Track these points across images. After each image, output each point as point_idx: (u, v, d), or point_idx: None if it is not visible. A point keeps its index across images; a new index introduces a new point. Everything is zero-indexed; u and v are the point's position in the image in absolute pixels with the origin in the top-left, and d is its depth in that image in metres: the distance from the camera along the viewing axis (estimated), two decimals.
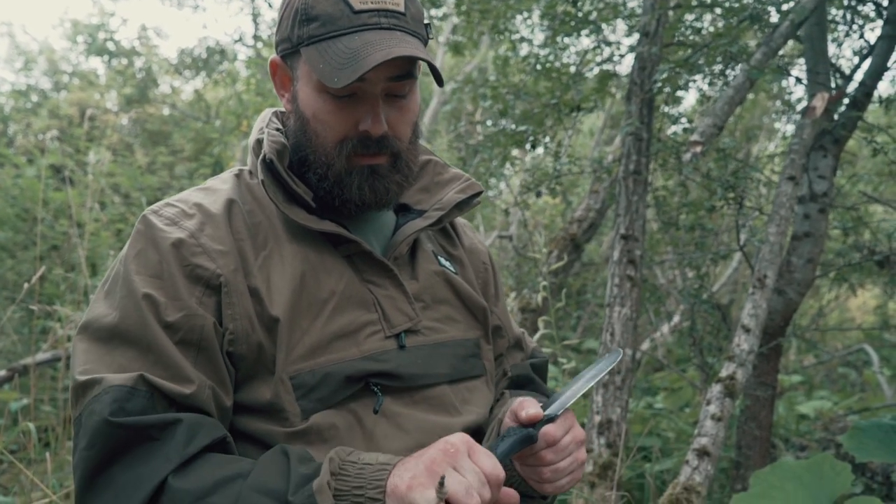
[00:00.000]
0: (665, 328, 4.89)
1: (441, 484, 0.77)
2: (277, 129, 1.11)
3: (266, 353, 0.99)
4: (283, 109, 1.16)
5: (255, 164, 1.10)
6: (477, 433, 1.12)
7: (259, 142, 1.10)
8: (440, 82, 1.05)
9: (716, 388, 2.12)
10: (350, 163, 1.04)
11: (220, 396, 0.96)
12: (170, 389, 0.92)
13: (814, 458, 2.10)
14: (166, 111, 9.45)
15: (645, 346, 4.53)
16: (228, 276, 0.98)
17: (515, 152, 3.60)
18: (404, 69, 1.01)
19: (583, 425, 3.32)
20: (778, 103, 5.56)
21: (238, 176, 1.12)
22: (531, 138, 2.78)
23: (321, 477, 0.84)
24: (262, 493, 0.84)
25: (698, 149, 2.30)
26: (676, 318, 4.73)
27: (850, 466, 2.01)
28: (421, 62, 1.03)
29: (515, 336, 1.34)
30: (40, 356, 3.59)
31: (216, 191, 1.09)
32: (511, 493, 0.92)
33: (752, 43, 3.37)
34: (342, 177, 1.04)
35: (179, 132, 8.68)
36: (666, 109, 2.98)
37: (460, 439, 0.86)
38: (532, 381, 1.31)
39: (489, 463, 0.86)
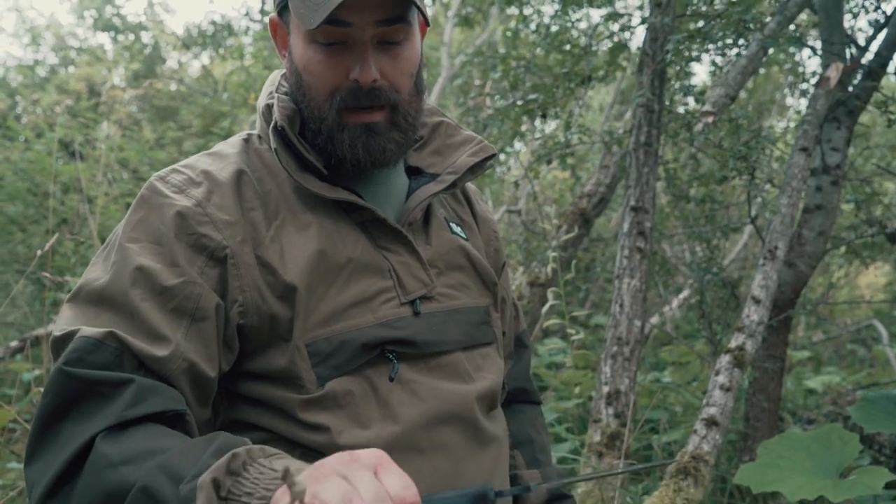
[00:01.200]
0: (674, 303, 4.88)
1: (286, 475, 0.58)
2: (286, 93, 1.08)
3: (280, 322, 0.97)
4: None
5: (265, 130, 1.08)
6: (491, 399, 1.12)
7: (269, 107, 1.08)
8: (427, 21, 1.03)
9: (725, 359, 2.12)
10: (342, 118, 1.01)
11: (200, 371, 0.93)
12: (140, 349, 0.88)
13: (822, 428, 2.11)
14: (174, 87, 9.42)
15: (654, 319, 4.52)
16: (235, 248, 0.96)
17: (525, 127, 3.57)
18: (392, 12, 0.96)
19: (590, 398, 3.33)
20: (791, 78, 5.50)
21: (247, 141, 1.10)
22: (541, 109, 2.76)
23: (211, 471, 0.72)
24: (166, 475, 0.76)
25: (710, 119, 2.28)
26: (686, 293, 4.72)
27: (859, 437, 2.01)
28: (415, 8, 0.99)
29: (521, 329, 1.34)
30: (52, 327, 3.61)
31: (224, 156, 1.07)
32: None
33: (767, 15, 3.33)
34: (334, 132, 1.02)
35: (187, 108, 8.67)
36: (677, 84, 2.94)
37: (370, 452, 0.70)
38: (525, 391, 1.34)
39: (398, 483, 0.67)
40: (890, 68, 2.71)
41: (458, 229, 1.18)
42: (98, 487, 0.79)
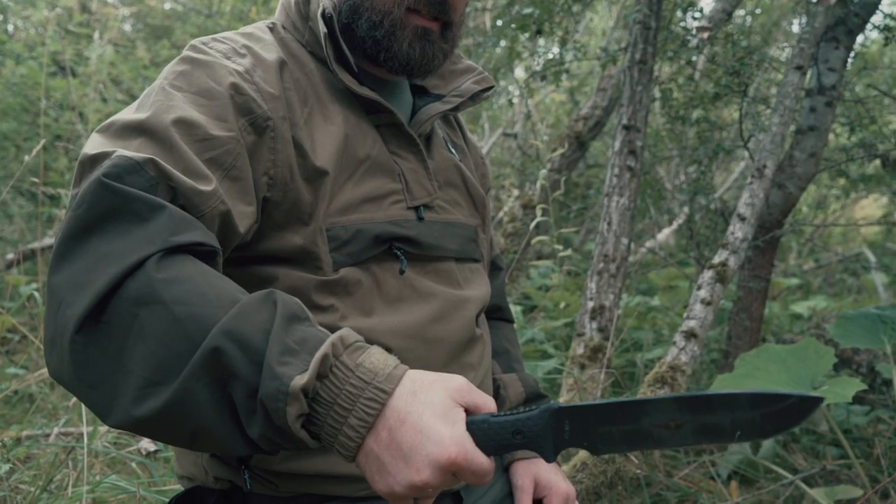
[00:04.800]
0: (667, 230, 4.91)
1: None
2: None
3: (302, 204, 0.99)
4: None
5: (295, 21, 1.11)
6: (480, 309, 1.18)
7: None
8: None
9: (707, 274, 2.15)
10: (406, 17, 1.05)
11: (231, 221, 0.91)
12: (181, 180, 0.85)
13: (799, 342, 2.16)
14: (168, 5, 9.21)
15: (648, 243, 4.55)
16: (277, 122, 0.98)
17: (521, 46, 3.51)
18: None
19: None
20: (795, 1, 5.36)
21: (272, 30, 1.12)
22: (536, 24, 2.71)
23: (308, 376, 0.71)
24: (234, 342, 0.73)
25: (705, 34, 2.25)
26: (680, 220, 4.74)
27: (834, 350, 2.05)
28: None
29: (495, 254, 1.43)
30: (47, 241, 3.65)
31: (260, 38, 1.08)
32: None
33: None
34: (395, 28, 1.05)
35: (182, 27, 8.50)
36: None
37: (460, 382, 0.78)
38: (500, 308, 1.43)
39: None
40: None
41: (453, 150, 1.24)
42: (151, 329, 0.74)
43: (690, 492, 2.32)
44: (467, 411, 0.76)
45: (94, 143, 0.88)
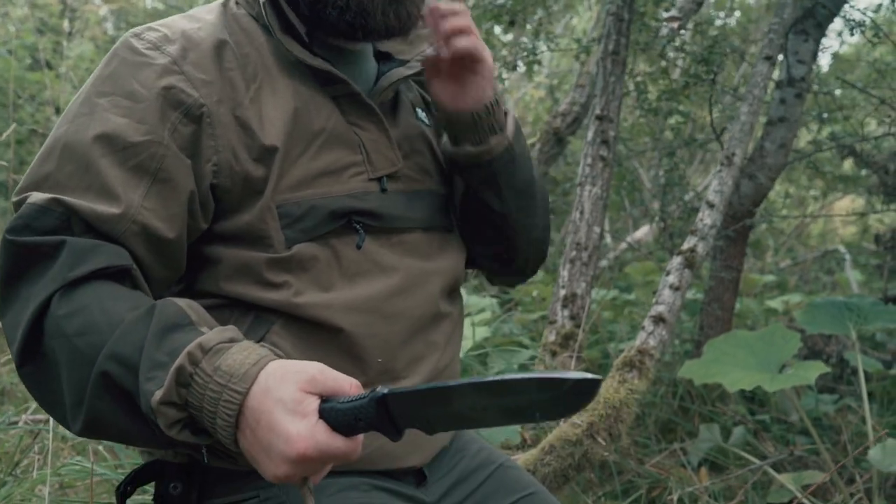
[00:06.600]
0: (645, 228, 4.93)
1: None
2: None
3: (253, 183, 0.99)
4: None
5: None
6: (450, 281, 1.16)
7: None
8: None
9: (676, 260, 2.16)
10: None
11: (156, 234, 0.95)
12: (86, 210, 0.91)
13: (766, 328, 2.18)
14: (149, 4, 9.18)
15: (627, 238, 4.58)
16: (212, 107, 0.97)
17: (497, 39, 3.53)
18: None
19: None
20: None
21: (224, 6, 1.11)
22: (509, 14, 2.73)
23: (163, 390, 0.78)
24: (118, 363, 0.82)
25: (675, 24, 2.28)
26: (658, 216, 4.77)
27: (799, 335, 2.08)
28: None
29: None
30: None
31: (202, 20, 1.06)
32: None
33: None
34: (364, 5, 1.03)
35: None
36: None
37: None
38: None
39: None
40: None
41: (422, 115, 1.20)
42: (63, 360, 0.86)
43: (661, 478, 2.34)
44: (326, 398, 0.79)
45: (25, 178, 0.97)
